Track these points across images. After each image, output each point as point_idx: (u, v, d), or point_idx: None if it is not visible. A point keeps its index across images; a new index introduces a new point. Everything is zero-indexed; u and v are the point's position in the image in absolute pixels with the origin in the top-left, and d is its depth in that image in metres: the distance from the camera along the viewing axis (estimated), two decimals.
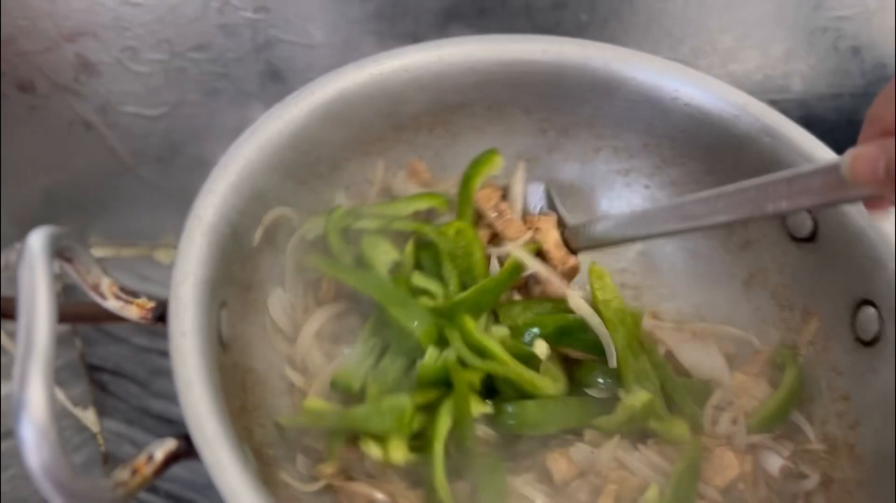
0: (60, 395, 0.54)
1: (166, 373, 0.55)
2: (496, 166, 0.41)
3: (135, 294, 0.30)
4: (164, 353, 0.56)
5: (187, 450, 0.26)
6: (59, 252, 0.27)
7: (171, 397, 0.53)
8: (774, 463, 0.34)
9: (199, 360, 0.28)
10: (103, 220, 0.60)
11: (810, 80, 0.53)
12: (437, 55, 0.40)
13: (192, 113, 0.52)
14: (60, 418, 0.53)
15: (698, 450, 0.34)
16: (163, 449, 0.26)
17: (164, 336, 0.57)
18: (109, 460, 0.52)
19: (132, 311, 0.29)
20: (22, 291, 0.24)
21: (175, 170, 0.56)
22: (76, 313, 0.55)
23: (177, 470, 0.50)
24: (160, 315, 0.30)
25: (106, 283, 0.29)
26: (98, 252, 0.62)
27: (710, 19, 0.49)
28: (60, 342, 0.57)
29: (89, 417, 0.54)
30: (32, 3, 0.46)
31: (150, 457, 0.26)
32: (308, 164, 0.39)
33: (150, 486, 0.49)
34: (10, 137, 0.53)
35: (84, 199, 0.58)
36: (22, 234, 0.59)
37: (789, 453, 0.36)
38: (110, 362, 0.56)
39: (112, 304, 0.29)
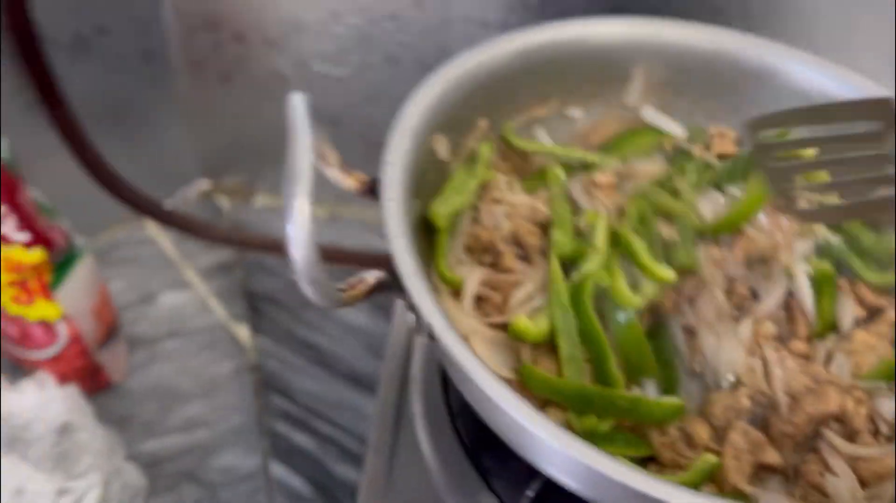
0: (221, 311, 0.62)
1: (312, 306, 0.62)
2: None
3: (352, 169, 0.36)
4: None
5: (390, 283, 0.32)
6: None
7: (316, 327, 0.61)
8: (889, 406, 0.37)
9: (401, 219, 0.33)
10: (273, 172, 0.68)
11: None
12: (608, 29, 0.46)
13: (371, 77, 0.59)
14: (218, 329, 0.61)
15: None
16: (373, 276, 0.32)
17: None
18: (256, 370, 0.58)
19: (350, 182, 0.36)
20: (291, 133, 0.31)
21: (344, 130, 0.63)
22: (243, 240, 0.62)
23: (313, 386, 0.56)
24: (370, 188, 0.36)
25: (332, 155, 0.35)
26: (263, 201, 0.70)
27: (858, 39, 0.53)
28: (227, 268, 0.64)
29: (243, 332, 0.60)
30: None
31: (362, 280, 0.31)
32: (484, 105, 0.44)
33: (292, 397, 0.56)
34: (215, 84, 0.62)
35: (261, 149, 0.67)
36: (202, 172, 0.68)
37: None
38: (266, 290, 0.63)
39: (334, 173, 0.35)
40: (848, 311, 0.40)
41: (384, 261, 0.33)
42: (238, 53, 0.59)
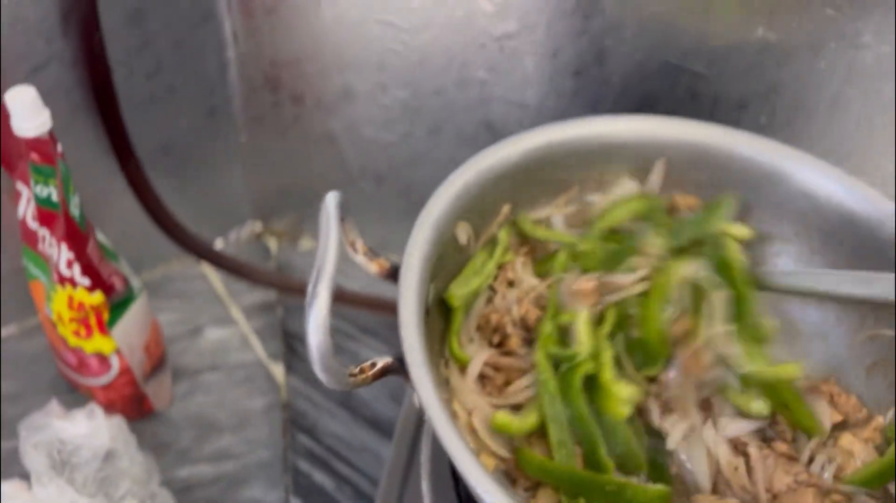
0: (260, 349, 0.66)
1: (344, 352, 0.66)
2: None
3: (377, 254, 0.40)
4: (346, 334, 0.67)
5: (398, 368, 0.35)
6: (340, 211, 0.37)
7: None
8: None
9: (415, 308, 0.37)
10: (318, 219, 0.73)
11: None
12: (630, 127, 0.49)
13: (415, 145, 0.64)
14: (255, 366, 0.65)
15: None
16: (382, 361, 0.35)
17: (347, 320, 0.67)
18: (286, 408, 0.62)
19: (373, 267, 0.40)
20: (322, 229, 0.35)
21: (388, 188, 0.68)
22: (283, 283, 0.67)
23: (337, 428, 0.60)
24: (391, 274, 0.40)
25: (360, 243, 0.40)
26: (307, 244, 0.75)
27: (878, 143, 0.55)
28: (269, 308, 0.69)
29: (278, 370, 0.65)
30: (321, 37, 0.59)
31: (373, 364, 0.35)
32: (508, 193, 0.48)
33: (316, 437, 0.60)
34: (272, 139, 0.67)
35: (311, 197, 0.71)
36: (254, 215, 0.73)
37: None
38: (302, 331, 0.67)
39: (361, 259, 0.39)
40: (825, 416, 0.42)
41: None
42: (294, 113, 0.64)
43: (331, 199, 0.36)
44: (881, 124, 0.54)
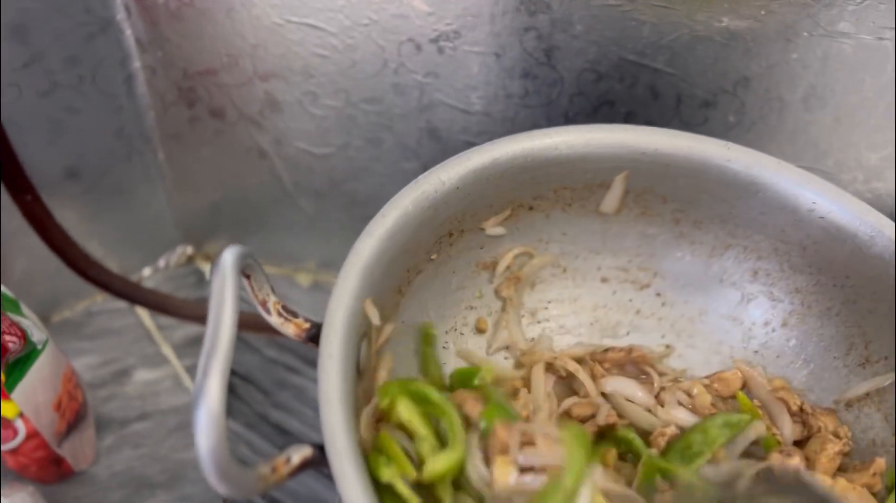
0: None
1: (289, 387, 0.60)
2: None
3: (294, 314, 0.34)
4: (290, 367, 0.61)
5: (319, 460, 0.30)
6: (241, 268, 0.31)
7: (290, 410, 0.59)
8: None
9: (340, 382, 0.31)
10: (255, 238, 0.66)
11: None
12: (585, 138, 0.43)
13: (353, 156, 0.57)
14: (189, 411, 0.59)
15: None
16: (300, 454, 0.30)
17: (290, 351, 0.61)
18: None
19: (290, 329, 0.34)
20: (213, 299, 0.29)
21: (329, 204, 0.61)
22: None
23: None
24: (313, 336, 0.34)
25: (272, 301, 0.34)
26: None
27: (859, 136, 0.50)
28: (200, 342, 0.63)
29: None
30: (237, 44, 0.52)
31: (288, 460, 0.29)
32: (453, 221, 0.42)
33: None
34: (192, 155, 0.60)
35: (244, 217, 0.65)
36: (185, 239, 0.67)
37: None
38: (242, 368, 0.61)
39: (275, 320, 0.33)
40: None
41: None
42: (215, 128, 0.58)
43: (227, 258, 0.30)
44: (862, 118, 0.49)
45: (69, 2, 0.49)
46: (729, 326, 0.48)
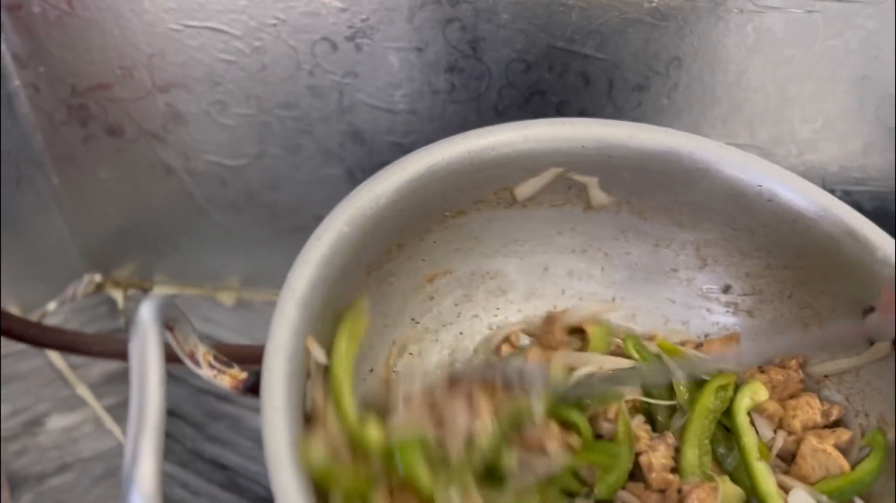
0: (117, 432, 0.55)
1: (222, 417, 0.56)
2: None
3: (228, 364, 0.30)
4: (221, 397, 0.57)
5: None
6: (164, 321, 0.27)
7: (226, 442, 0.55)
8: None
9: (289, 436, 0.28)
10: (171, 260, 0.61)
11: (886, 174, 0.52)
12: (523, 135, 0.41)
13: (271, 165, 0.53)
14: (114, 456, 0.54)
15: None
16: None
17: None
18: None
19: (224, 381, 0.30)
20: (134, 363, 0.25)
21: (248, 218, 0.57)
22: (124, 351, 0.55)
23: None
24: (251, 386, 0.30)
25: (201, 352, 0.30)
26: (162, 290, 0.64)
27: (791, 110, 0.49)
28: (119, 378, 0.58)
29: None
30: (131, 54, 0.47)
31: None
32: (393, 236, 0.39)
33: None
34: (90, 177, 0.55)
35: (155, 238, 0.60)
36: (90, 267, 0.62)
37: None
38: (168, 402, 0.56)
39: (205, 373, 0.30)
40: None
41: None
42: (114, 146, 0.52)
43: (145, 314, 0.26)
44: (794, 92, 0.48)
45: None
46: (680, 315, 0.46)
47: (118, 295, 0.63)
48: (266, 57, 0.47)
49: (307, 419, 0.31)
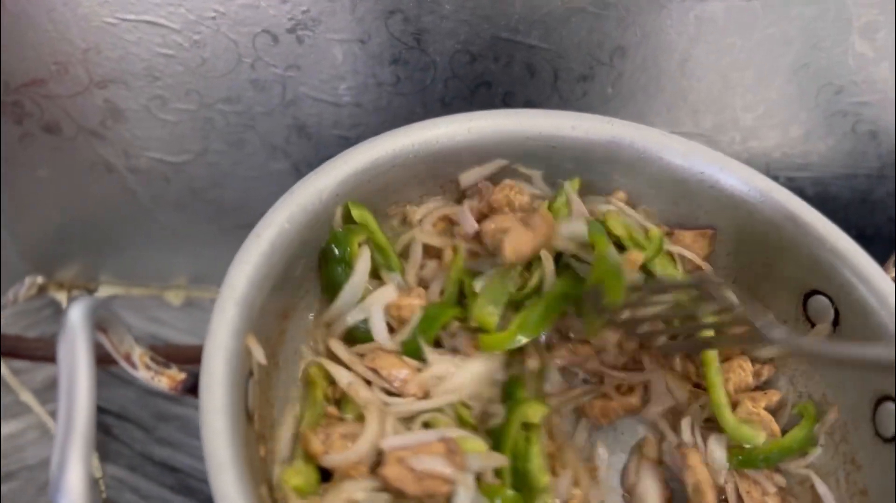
0: None
1: (171, 418, 0.55)
2: None
3: (166, 365, 0.30)
4: (170, 398, 0.56)
5: None
6: (95, 324, 0.26)
7: (175, 444, 0.54)
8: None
9: (230, 438, 0.27)
10: (116, 260, 0.60)
11: (827, 159, 0.53)
12: (467, 127, 0.41)
13: (215, 161, 0.52)
14: None
15: None
16: None
17: None
18: None
19: (162, 382, 0.29)
20: (62, 368, 0.24)
21: (192, 215, 0.56)
22: None
23: None
24: (190, 387, 0.30)
25: (137, 353, 0.29)
26: (107, 290, 0.62)
27: (734, 98, 0.49)
28: None
29: (92, 463, 0.53)
30: (66, 49, 0.46)
31: None
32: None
33: None
34: (28, 176, 0.53)
35: (98, 238, 0.58)
36: (32, 269, 0.60)
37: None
38: (115, 405, 0.55)
39: (143, 374, 0.29)
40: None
41: None
42: (51, 144, 0.51)
43: (74, 316, 0.25)
44: (735, 80, 0.48)
45: None
46: None
47: (62, 297, 0.61)
48: (206, 51, 0.46)
49: (249, 418, 0.31)
